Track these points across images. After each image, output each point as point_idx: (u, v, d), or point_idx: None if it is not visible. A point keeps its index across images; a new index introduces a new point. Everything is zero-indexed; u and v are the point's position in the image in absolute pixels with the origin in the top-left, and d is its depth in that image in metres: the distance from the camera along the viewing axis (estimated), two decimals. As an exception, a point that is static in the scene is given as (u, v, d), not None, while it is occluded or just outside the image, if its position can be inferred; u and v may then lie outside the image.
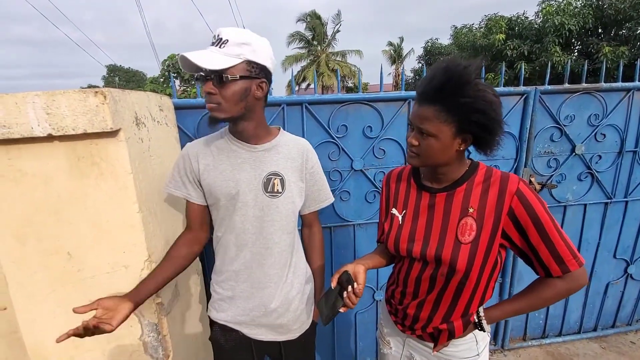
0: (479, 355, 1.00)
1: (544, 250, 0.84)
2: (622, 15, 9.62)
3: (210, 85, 0.95)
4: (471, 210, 0.88)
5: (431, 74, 0.83)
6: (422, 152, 0.87)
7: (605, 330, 2.32)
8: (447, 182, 0.93)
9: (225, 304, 1.12)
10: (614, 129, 1.95)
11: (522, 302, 0.93)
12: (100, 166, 0.99)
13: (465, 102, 0.79)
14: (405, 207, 1.01)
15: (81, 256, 1.04)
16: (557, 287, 0.87)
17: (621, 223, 2.11)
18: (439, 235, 0.91)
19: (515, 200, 0.83)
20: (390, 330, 1.14)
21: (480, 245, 0.86)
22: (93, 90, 0.92)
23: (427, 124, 0.83)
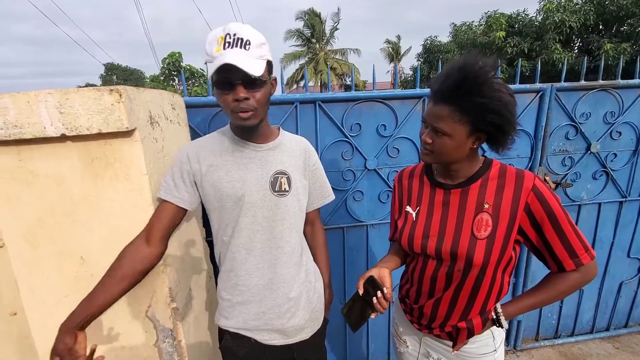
0: (496, 350, 1.00)
1: (559, 244, 0.85)
2: (624, 12, 9.57)
3: (243, 90, 0.89)
4: (487, 206, 0.88)
5: (446, 72, 0.83)
6: (435, 150, 0.88)
7: (618, 330, 2.30)
8: (461, 178, 0.93)
9: (235, 310, 1.08)
10: (630, 127, 1.91)
11: (537, 297, 0.93)
12: (114, 167, 0.96)
13: (481, 103, 0.78)
14: (419, 203, 1.01)
15: (95, 260, 1.00)
16: (570, 279, 0.88)
17: (635, 222, 2.08)
18: (454, 231, 0.91)
19: (532, 196, 0.84)
20: (406, 329, 1.13)
21: (497, 241, 0.87)
22: (108, 88, 0.88)
23: (441, 123, 0.83)
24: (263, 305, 1.07)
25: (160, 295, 1.08)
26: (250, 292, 1.06)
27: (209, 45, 0.89)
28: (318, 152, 1.64)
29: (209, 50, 0.89)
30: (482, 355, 1.00)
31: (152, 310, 1.09)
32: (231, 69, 0.85)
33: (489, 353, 1.00)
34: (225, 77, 0.88)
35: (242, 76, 0.87)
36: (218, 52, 0.88)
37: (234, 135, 1.04)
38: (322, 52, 22.65)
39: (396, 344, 1.21)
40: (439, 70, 1.54)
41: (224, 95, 0.91)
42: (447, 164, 0.92)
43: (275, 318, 1.08)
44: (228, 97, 0.90)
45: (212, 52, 0.88)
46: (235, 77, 0.88)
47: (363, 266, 1.87)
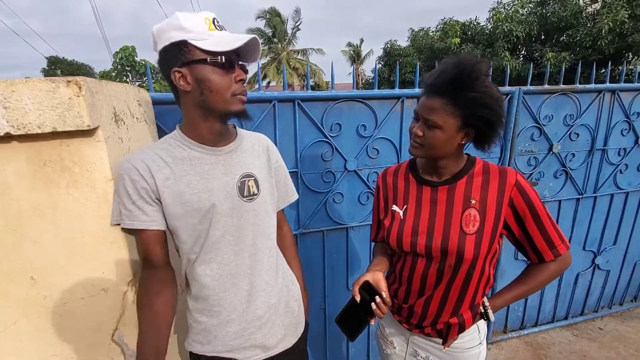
0: (481, 343, 1.05)
1: (539, 237, 0.90)
2: (563, 23, 10.46)
3: (243, 72, 0.87)
4: (473, 202, 0.91)
5: (442, 67, 0.86)
6: (426, 143, 0.89)
7: (575, 318, 2.47)
8: (447, 175, 0.95)
9: (211, 334, 0.96)
10: (586, 129, 2.05)
11: (521, 288, 0.98)
12: (72, 172, 0.82)
13: (474, 97, 0.82)
14: (406, 202, 1.01)
15: (49, 280, 0.86)
16: (550, 269, 0.94)
17: (590, 217, 2.25)
18: (443, 228, 0.93)
19: (515, 191, 0.89)
20: (393, 329, 1.13)
21: (485, 235, 0.90)
22: (64, 79, 0.75)
23: (434, 115, 0.85)
24: (243, 320, 0.97)
25: (129, 316, 0.95)
26: (226, 312, 0.95)
27: (194, 24, 0.80)
28: (297, 152, 1.57)
29: (196, 27, 0.80)
30: (469, 349, 1.02)
31: (119, 333, 0.96)
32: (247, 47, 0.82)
33: (475, 346, 1.03)
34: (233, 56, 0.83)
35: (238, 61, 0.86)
36: (213, 30, 0.82)
37: (188, 140, 0.89)
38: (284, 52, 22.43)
39: (382, 346, 1.19)
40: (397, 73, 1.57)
41: (227, 75, 0.84)
42: (435, 159, 0.94)
43: (257, 331, 0.99)
44: (229, 76, 0.84)
45: (204, 30, 0.81)
46: (237, 59, 0.85)
47: (343, 270, 1.83)
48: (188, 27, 0.78)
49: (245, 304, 0.97)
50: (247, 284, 0.96)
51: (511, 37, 10.99)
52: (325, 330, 1.89)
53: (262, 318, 0.99)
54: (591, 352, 2.16)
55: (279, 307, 1.03)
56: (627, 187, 2.24)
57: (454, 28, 12.58)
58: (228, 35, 0.82)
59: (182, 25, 0.78)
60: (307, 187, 1.63)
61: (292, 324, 1.08)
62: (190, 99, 0.86)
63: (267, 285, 1.00)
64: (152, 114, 1.28)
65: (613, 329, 2.36)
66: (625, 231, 2.34)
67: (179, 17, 0.79)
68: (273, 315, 1.01)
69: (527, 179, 2.01)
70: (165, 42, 0.81)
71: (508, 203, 0.89)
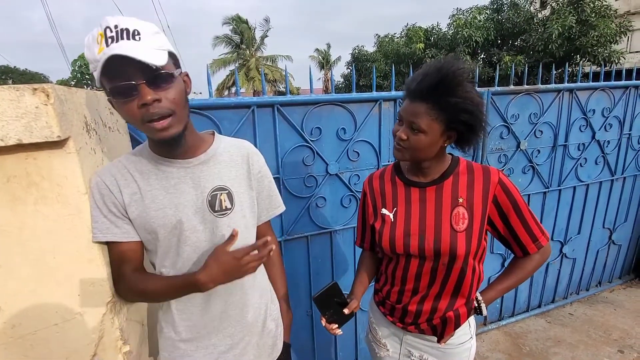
0: (472, 337, 1.08)
1: (522, 231, 0.95)
2: (517, 29, 11.15)
3: (149, 90, 0.70)
4: (461, 200, 0.94)
5: (424, 72, 0.87)
6: (410, 146, 0.91)
7: (547, 306, 2.60)
8: (433, 175, 0.98)
9: (179, 350, 0.92)
10: (549, 126, 2.19)
11: (510, 279, 1.03)
12: (40, 187, 0.75)
13: (456, 102, 0.84)
14: (395, 204, 1.02)
15: (17, 308, 0.78)
16: (534, 260, 1.00)
17: (556, 209, 2.38)
18: (435, 227, 0.95)
19: (499, 188, 0.93)
20: (386, 332, 1.13)
21: (474, 232, 0.93)
22: (30, 86, 0.69)
23: (418, 120, 0.87)
24: (213, 338, 0.93)
25: (109, 339, 0.88)
26: (196, 328, 0.91)
27: (89, 50, 0.70)
28: (278, 158, 1.54)
29: (91, 56, 0.70)
30: (462, 344, 1.05)
31: (98, 358, 0.88)
32: (124, 64, 0.66)
33: (467, 341, 1.06)
34: (119, 79, 0.69)
35: (142, 73, 0.69)
36: (101, 52, 0.68)
37: (153, 153, 0.85)
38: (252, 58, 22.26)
39: (375, 349, 1.19)
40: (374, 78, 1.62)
41: (127, 104, 0.71)
42: (418, 162, 0.96)
43: (228, 351, 0.94)
44: (132, 104, 0.71)
45: (95, 56, 0.69)
46: (134, 76, 0.69)
47: (329, 274, 1.81)
48: (88, 56, 0.71)
49: (217, 321, 0.92)
50: (221, 302, 0.92)
51: (471, 42, 11.56)
52: (313, 337, 1.87)
53: (234, 337, 0.95)
54: (565, 337, 2.28)
55: (254, 327, 0.98)
56: (587, 180, 2.40)
57: (418, 34, 13.06)
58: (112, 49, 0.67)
59: (87, 56, 0.72)
60: (289, 192, 1.61)
61: (267, 345, 1.03)
62: None
63: (242, 304, 0.95)
64: (125, 123, 1.21)
65: (582, 314, 2.51)
66: (587, 221, 2.50)
67: (85, 44, 0.71)
68: (247, 336, 0.97)
69: (499, 175, 2.11)
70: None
71: (492, 200, 0.93)
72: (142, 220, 0.83)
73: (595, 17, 8.64)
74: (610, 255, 2.73)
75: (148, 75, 0.70)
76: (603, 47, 8.63)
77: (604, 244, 2.66)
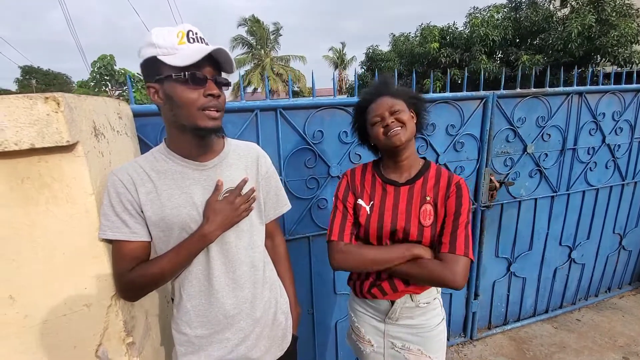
0: (443, 319, 1.17)
1: (447, 233, 1.02)
2: (536, 27, 10.89)
3: (215, 86, 0.84)
4: (428, 199, 1.06)
5: (375, 85, 1.15)
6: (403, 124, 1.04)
7: (555, 311, 2.56)
8: (409, 172, 1.10)
9: (194, 345, 0.98)
10: (557, 130, 2.15)
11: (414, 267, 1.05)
12: (52, 188, 0.81)
13: (402, 89, 1.12)
14: (372, 199, 1.12)
15: (29, 299, 0.84)
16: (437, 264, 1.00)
17: (565, 213, 2.35)
18: (405, 217, 1.06)
19: (453, 189, 1.05)
20: (369, 327, 1.20)
21: (438, 226, 1.04)
22: (42, 95, 0.75)
23: (395, 104, 1.05)
24: (227, 332, 0.98)
25: (113, 330, 0.94)
26: (210, 324, 0.97)
27: (163, 39, 0.80)
28: (280, 160, 1.59)
29: (164, 42, 0.80)
30: (436, 325, 1.14)
31: (103, 348, 0.94)
32: (210, 62, 0.82)
33: (440, 322, 1.15)
34: (201, 69, 0.81)
35: (215, 72, 0.85)
36: (183, 44, 0.80)
37: (172, 154, 0.91)
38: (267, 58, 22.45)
39: (360, 347, 1.24)
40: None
41: (195, 90, 0.81)
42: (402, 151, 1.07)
43: (240, 343, 1.00)
44: (199, 91, 0.82)
45: (172, 44, 0.80)
46: (209, 73, 0.83)
47: (330, 275, 1.84)
48: (158, 43, 0.80)
49: (229, 318, 0.97)
50: (231, 298, 0.97)
51: (487, 41, 11.36)
52: (314, 336, 1.90)
53: (244, 330, 1.00)
54: (570, 342, 2.24)
55: (264, 320, 1.04)
56: (597, 184, 2.36)
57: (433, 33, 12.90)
58: (197, 48, 0.81)
59: (153, 42, 0.80)
60: (291, 193, 1.65)
61: (278, 337, 1.09)
62: (165, 114, 0.88)
63: (252, 298, 1.00)
64: (133, 126, 1.28)
65: (589, 320, 2.46)
66: (597, 226, 2.45)
67: (152, 33, 0.81)
68: (257, 328, 1.02)
69: (505, 178, 2.09)
70: (141, 59, 0.83)
71: (447, 199, 1.04)
72: (157, 218, 0.88)
73: (616, 16, 8.37)
74: (620, 261, 2.67)
75: (218, 75, 0.86)
76: (624, 48, 8.35)
77: (614, 249, 2.60)
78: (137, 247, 0.89)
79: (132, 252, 0.89)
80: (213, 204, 0.91)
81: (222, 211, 0.91)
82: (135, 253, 0.89)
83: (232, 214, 0.92)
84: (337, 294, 1.89)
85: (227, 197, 0.92)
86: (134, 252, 0.89)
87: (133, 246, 0.89)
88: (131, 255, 0.89)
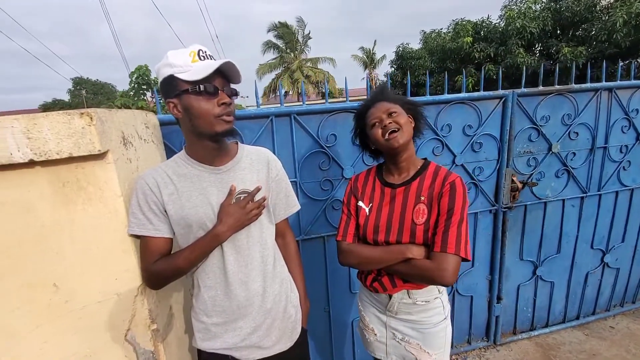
0: (446, 318, 1.19)
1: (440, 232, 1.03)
2: (578, 17, 10.22)
3: (226, 95, 0.95)
4: (422, 198, 1.10)
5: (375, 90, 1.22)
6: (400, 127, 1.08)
7: (586, 318, 2.43)
8: (408, 172, 1.15)
9: (210, 332, 1.08)
10: (585, 127, 2.06)
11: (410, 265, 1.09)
12: (87, 191, 0.94)
13: (397, 96, 1.17)
14: (371, 201, 1.19)
15: (69, 286, 0.97)
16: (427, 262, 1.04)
17: (596, 215, 2.23)
18: (399, 222, 1.11)
19: (447, 187, 1.06)
20: (373, 317, 1.26)
21: (431, 224, 1.07)
22: (78, 111, 0.87)
23: (392, 107, 1.11)
24: (240, 322, 1.08)
25: (140, 317, 1.06)
26: (225, 313, 1.07)
27: (178, 58, 0.91)
28: (295, 163, 1.66)
29: (179, 62, 0.91)
30: (437, 323, 1.16)
31: (131, 333, 1.06)
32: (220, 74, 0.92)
33: (442, 321, 1.17)
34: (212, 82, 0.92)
35: (224, 84, 0.95)
36: (195, 62, 0.91)
37: (191, 159, 1.03)
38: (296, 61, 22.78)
39: (365, 335, 1.31)
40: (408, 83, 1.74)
41: (207, 101, 0.92)
42: (401, 151, 1.11)
43: (253, 332, 1.09)
44: (213, 101, 0.93)
45: (186, 62, 0.91)
46: (219, 84, 0.94)
47: (345, 273, 1.89)
48: (173, 62, 0.91)
49: (242, 309, 1.07)
50: (244, 290, 1.06)
51: (525, 34, 10.82)
52: (331, 333, 1.96)
53: (256, 320, 1.09)
54: (601, 350, 2.13)
55: (274, 312, 1.12)
56: (632, 184, 2.22)
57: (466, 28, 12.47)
58: (208, 64, 0.91)
59: (169, 62, 0.91)
60: (306, 195, 1.72)
61: (288, 329, 1.17)
62: (184, 125, 0.99)
63: (263, 291, 1.09)
64: (160, 134, 1.41)
65: (624, 327, 2.31)
66: (632, 228, 2.30)
67: (168, 55, 0.92)
68: (268, 319, 1.11)
69: (528, 179, 2.03)
70: (160, 78, 0.95)
71: (441, 196, 1.06)
72: (178, 217, 1.00)
73: (666, 1, 7.68)
74: (661, 266, 2.48)
75: (228, 85, 0.98)
76: (674, 37, 7.64)
77: (652, 254, 2.42)
78: (160, 242, 1.01)
79: (156, 247, 1.01)
80: (226, 207, 1.01)
81: (234, 214, 1.01)
82: (159, 248, 1.01)
83: (244, 217, 1.02)
84: (353, 292, 1.93)
85: (240, 202, 1.02)
86: (157, 247, 1.01)
87: (157, 241, 1.01)
88: (155, 250, 1.01)
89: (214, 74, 0.91)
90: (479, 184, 1.98)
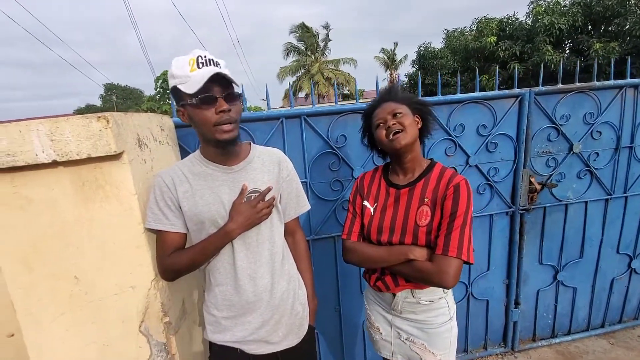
0: (451, 318, 1.18)
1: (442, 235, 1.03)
2: (610, 12, 9.74)
3: (224, 102, 0.96)
4: (426, 200, 1.10)
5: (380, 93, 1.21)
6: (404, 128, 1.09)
7: (612, 326, 2.31)
8: (413, 173, 1.15)
9: (220, 325, 1.13)
10: (609, 126, 1.97)
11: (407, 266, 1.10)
12: (105, 189, 1.01)
13: (405, 96, 1.17)
14: (376, 201, 1.20)
15: (88, 279, 1.04)
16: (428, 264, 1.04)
17: (622, 219, 2.12)
18: (402, 223, 1.11)
19: (451, 190, 1.05)
20: (378, 316, 1.28)
21: (434, 226, 1.07)
22: (95, 115, 0.93)
23: (397, 108, 1.11)
24: (249, 316, 1.11)
25: (153, 310, 1.12)
26: (234, 307, 1.11)
27: (179, 69, 0.95)
28: (305, 164, 1.69)
29: (180, 72, 0.95)
30: (442, 324, 1.16)
31: (145, 325, 1.12)
32: (216, 81, 0.92)
33: (447, 322, 1.17)
34: (208, 91, 0.94)
35: (222, 90, 0.95)
36: (194, 71, 0.94)
37: (204, 159, 1.08)
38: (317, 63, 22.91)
39: (372, 334, 1.33)
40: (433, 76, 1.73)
41: (207, 110, 0.95)
42: (407, 150, 1.11)
43: (261, 327, 1.12)
44: (211, 110, 0.96)
45: (185, 73, 0.94)
46: (217, 91, 0.95)
47: (356, 273, 1.90)
48: (175, 73, 0.96)
49: (251, 304, 1.11)
50: (252, 285, 1.10)
51: (553, 30, 10.41)
52: (341, 333, 1.96)
53: (264, 315, 1.12)
54: (627, 361, 2.02)
55: (282, 308, 1.15)
56: (662, 186, 2.09)
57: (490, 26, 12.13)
58: (204, 73, 0.93)
59: (172, 73, 0.96)
60: (316, 195, 1.74)
61: (295, 325, 1.20)
62: (195, 129, 1.04)
63: (271, 287, 1.13)
64: (175, 136, 1.47)
65: (654, 338, 2.18)
66: (664, 233, 2.17)
67: (172, 65, 0.97)
68: (276, 315, 1.14)
69: (547, 180, 1.97)
70: (170, 87, 1.00)
71: (444, 199, 1.05)
72: (192, 213, 1.05)
73: None
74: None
75: (227, 93, 0.97)
76: None
77: (686, 260, 2.27)
78: (174, 237, 1.07)
79: (171, 241, 1.06)
80: (238, 206, 1.05)
81: (245, 212, 1.04)
82: (173, 242, 1.07)
83: (254, 216, 1.06)
84: (363, 292, 1.93)
85: (251, 202, 1.06)
86: (172, 241, 1.07)
87: (171, 236, 1.06)
88: (169, 244, 1.06)
89: (211, 81, 0.93)
90: (494, 185, 1.93)
